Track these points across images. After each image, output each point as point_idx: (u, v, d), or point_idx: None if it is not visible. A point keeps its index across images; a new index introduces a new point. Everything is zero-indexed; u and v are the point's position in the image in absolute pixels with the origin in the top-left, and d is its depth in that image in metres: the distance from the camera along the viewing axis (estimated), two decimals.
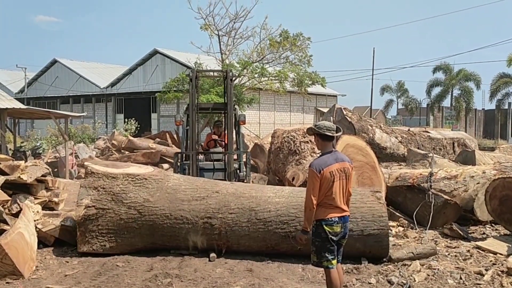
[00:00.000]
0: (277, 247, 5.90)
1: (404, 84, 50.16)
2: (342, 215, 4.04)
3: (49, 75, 43.98)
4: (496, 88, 41.67)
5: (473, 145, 12.68)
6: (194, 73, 7.80)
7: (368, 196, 6.06)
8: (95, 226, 5.84)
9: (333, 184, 3.97)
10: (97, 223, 5.84)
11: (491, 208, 6.81)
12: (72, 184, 11.70)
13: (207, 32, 21.35)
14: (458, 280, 4.94)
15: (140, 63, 37.86)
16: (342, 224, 4.04)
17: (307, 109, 40.51)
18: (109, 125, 37.72)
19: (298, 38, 21.50)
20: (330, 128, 4.07)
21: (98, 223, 5.84)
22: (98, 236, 5.85)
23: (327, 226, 3.98)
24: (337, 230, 4.01)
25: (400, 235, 7.05)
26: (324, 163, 3.98)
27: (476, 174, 7.67)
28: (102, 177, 6.06)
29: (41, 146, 18.08)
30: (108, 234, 5.86)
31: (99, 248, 5.84)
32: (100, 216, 5.84)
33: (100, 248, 5.84)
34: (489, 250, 6.06)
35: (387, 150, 11.03)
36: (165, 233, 5.89)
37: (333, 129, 4.08)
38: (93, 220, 5.83)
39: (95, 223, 5.83)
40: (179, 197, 5.99)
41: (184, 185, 6.20)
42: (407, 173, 8.36)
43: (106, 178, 6.05)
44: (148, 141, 18.47)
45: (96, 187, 5.98)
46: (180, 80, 21.61)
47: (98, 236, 5.85)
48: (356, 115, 11.24)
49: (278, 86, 22.20)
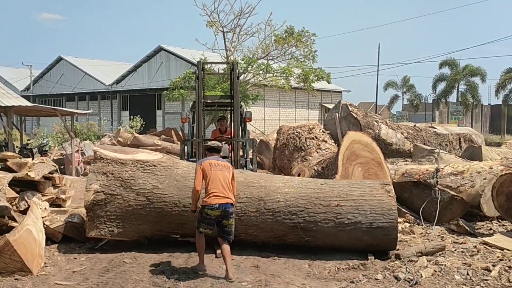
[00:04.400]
0: (285, 238, 5.88)
1: (409, 79, 49.95)
2: (223, 202, 5.04)
3: (54, 72, 44.18)
4: (502, 83, 41.42)
5: (479, 140, 12.61)
6: (200, 65, 7.78)
7: (378, 188, 6.01)
8: (103, 211, 5.77)
9: (213, 174, 5.12)
10: (106, 208, 5.77)
11: (498, 203, 6.78)
12: (78, 181, 11.77)
13: (212, 29, 21.33)
14: (465, 276, 4.93)
15: (145, 60, 37.92)
16: (223, 209, 5.06)
17: (312, 105, 40.45)
18: (114, 122, 37.86)
19: (303, 34, 21.43)
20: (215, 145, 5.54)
21: (106, 208, 5.77)
22: (106, 221, 5.78)
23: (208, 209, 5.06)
24: (216, 214, 5.06)
25: (406, 231, 7.03)
26: (204, 160, 5.34)
27: (483, 169, 7.64)
28: (111, 163, 5.94)
29: (47, 143, 18.17)
30: (116, 220, 5.79)
31: (107, 233, 5.77)
32: (109, 201, 5.77)
33: (108, 234, 5.77)
34: (496, 246, 6.04)
35: (393, 146, 10.98)
36: (173, 220, 5.83)
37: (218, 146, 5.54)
38: (101, 206, 5.76)
39: (104, 208, 5.77)
40: (188, 185, 5.83)
41: (193, 173, 6.14)
42: (413, 169, 8.34)
43: (115, 164, 5.94)
44: (154, 138, 18.54)
45: (105, 172, 5.88)
46: (185, 78, 21.61)
47: (106, 221, 5.78)
48: (362, 111, 11.21)
49: (283, 83, 22.15)
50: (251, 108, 23.07)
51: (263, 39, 21.81)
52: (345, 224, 5.75)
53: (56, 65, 44.15)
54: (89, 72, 41.39)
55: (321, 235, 5.78)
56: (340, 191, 5.97)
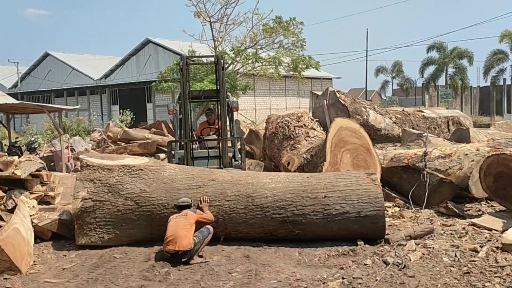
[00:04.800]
0: (275, 233, 5.93)
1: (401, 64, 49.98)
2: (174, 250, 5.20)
3: (41, 68, 43.71)
4: (490, 65, 41.61)
5: (467, 122, 12.68)
6: (184, 60, 7.73)
7: (364, 178, 6.08)
8: (92, 218, 5.84)
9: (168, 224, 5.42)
10: (95, 215, 5.84)
11: (486, 185, 6.83)
12: (68, 178, 11.69)
13: (199, 19, 21.17)
14: (453, 257, 4.98)
15: (133, 53, 37.61)
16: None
17: (303, 93, 40.42)
18: (104, 117, 37.64)
19: (291, 23, 21.34)
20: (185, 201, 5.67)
21: (95, 215, 5.84)
22: (96, 228, 5.86)
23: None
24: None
25: (396, 215, 7.09)
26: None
27: (470, 151, 7.69)
28: (98, 169, 6.05)
29: (36, 140, 18.02)
30: (106, 226, 5.87)
31: (97, 240, 5.85)
32: (97, 208, 5.85)
33: (98, 240, 5.84)
34: (484, 226, 6.10)
35: (381, 131, 11.02)
36: (163, 222, 5.85)
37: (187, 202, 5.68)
38: (90, 213, 5.84)
39: (93, 215, 5.84)
40: (176, 187, 6.00)
41: (180, 174, 6.20)
42: (402, 153, 8.37)
43: (101, 170, 6.04)
44: (144, 131, 18.43)
45: (92, 179, 5.97)
46: (174, 69, 21.49)
47: (96, 228, 5.86)
48: (350, 98, 11.21)
49: (272, 72, 22.10)
50: (241, 98, 23.08)
51: (250, 28, 21.73)
52: (333, 215, 5.78)
53: (43, 61, 43.66)
54: (77, 67, 40.98)
55: (311, 227, 5.82)
56: (326, 182, 6.01)
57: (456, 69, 43.09)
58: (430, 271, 4.71)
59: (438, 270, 4.73)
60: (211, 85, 17.61)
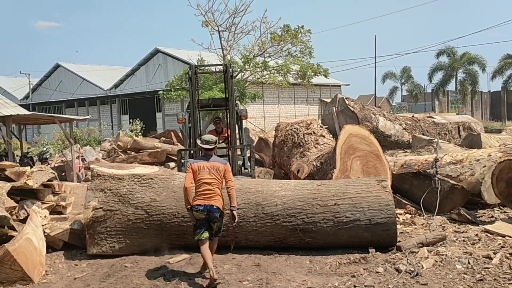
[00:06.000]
0: (285, 241, 5.90)
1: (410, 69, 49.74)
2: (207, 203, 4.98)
3: (52, 80, 44.25)
4: (500, 69, 41.26)
5: (478, 128, 12.56)
6: (193, 70, 7.79)
7: (374, 185, 6.04)
8: (103, 228, 5.89)
9: (200, 176, 5.03)
10: (105, 224, 5.88)
11: (498, 190, 6.75)
12: (79, 187, 11.77)
13: (208, 28, 21.31)
14: (466, 265, 4.91)
15: (142, 63, 37.92)
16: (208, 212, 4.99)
17: (311, 100, 40.39)
18: (114, 127, 37.89)
19: (299, 31, 21.39)
20: (210, 142, 5.24)
21: (106, 224, 5.88)
22: (107, 237, 5.90)
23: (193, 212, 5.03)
24: (200, 216, 5.01)
25: (407, 222, 7.02)
26: (196, 161, 5.24)
27: (482, 157, 7.61)
28: (108, 179, 6.11)
29: (47, 151, 18.20)
30: (116, 235, 5.90)
31: (108, 249, 5.88)
32: (108, 217, 5.89)
33: (109, 250, 5.87)
34: (498, 233, 6.02)
35: (391, 138, 10.96)
36: (173, 231, 5.92)
37: (212, 142, 5.24)
38: (101, 222, 5.88)
39: (103, 224, 5.88)
40: None
41: None
42: (412, 159, 8.32)
43: (112, 180, 6.10)
44: (154, 140, 18.52)
45: (103, 189, 6.03)
46: (183, 78, 21.61)
47: (107, 237, 5.90)
48: (359, 104, 11.18)
49: (281, 80, 22.13)
50: (249, 106, 23.12)
51: (259, 36, 21.82)
52: (343, 222, 5.75)
53: (54, 72, 44.20)
54: (87, 78, 41.41)
55: (321, 235, 5.79)
56: (336, 190, 5.98)
57: (466, 74, 42.77)
58: (443, 278, 4.66)
59: (451, 277, 4.67)
60: (220, 93, 17.67)
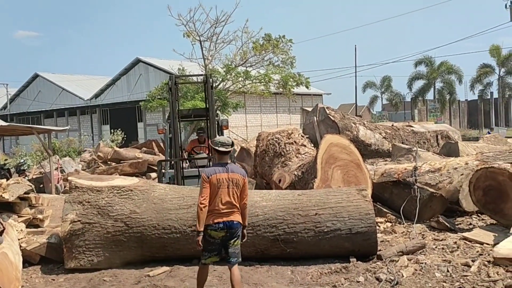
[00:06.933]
0: (267, 251, 5.88)
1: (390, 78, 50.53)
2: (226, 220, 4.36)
3: (31, 90, 43.59)
4: (477, 78, 42.27)
5: (456, 136, 12.78)
6: (173, 80, 7.76)
7: (354, 194, 6.08)
8: (81, 241, 5.77)
9: (219, 191, 4.34)
10: (84, 238, 5.77)
11: (476, 198, 6.87)
12: (58, 199, 11.55)
13: (189, 38, 21.30)
14: (445, 273, 4.97)
15: (123, 73, 37.65)
16: (228, 229, 4.38)
17: (294, 109, 40.61)
18: (95, 137, 37.44)
19: (280, 40, 21.56)
20: (225, 144, 4.45)
21: (84, 238, 5.77)
22: (85, 251, 5.78)
23: (210, 231, 4.36)
24: (220, 235, 4.37)
25: (388, 230, 7.08)
26: (214, 171, 4.40)
27: (459, 165, 7.74)
28: (87, 191, 5.99)
29: (25, 162, 17.86)
30: (95, 248, 5.80)
31: (86, 263, 5.76)
32: (87, 230, 5.78)
33: (88, 264, 5.76)
34: (476, 240, 6.11)
35: (372, 147, 11.06)
36: (154, 244, 5.85)
37: (228, 144, 4.46)
38: (79, 235, 5.77)
39: (82, 238, 5.77)
40: (166, 207, 5.95)
41: (170, 194, 6.16)
42: (392, 168, 8.41)
43: (91, 192, 5.99)
44: (135, 151, 18.35)
45: (81, 201, 5.91)
46: (164, 88, 21.53)
47: (85, 251, 5.78)
48: (339, 114, 11.27)
49: (262, 89, 22.23)
50: (232, 115, 23.11)
51: (240, 46, 21.90)
52: (324, 232, 5.76)
53: (33, 82, 43.57)
54: (67, 88, 40.88)
55: (302, 245, 5.79)
56: (317, 200, 6.00)
57: (445, 83, 43.65)
58: (423, 287, 4.69)
59: (430, 285, 4.72)
60: (202, 103, 17.63)
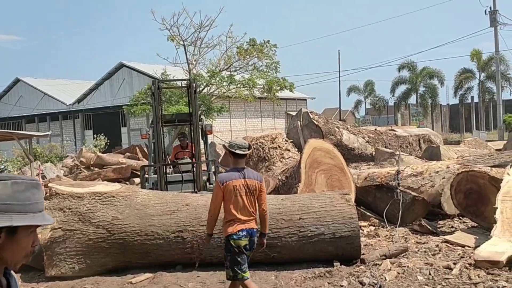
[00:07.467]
0: (251, 256, 5.86)
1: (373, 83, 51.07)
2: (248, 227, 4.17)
3: (12, 94, 42.89)
4: (459, 83, 43.00)
5: (438, 140, 12.98)
6: (156, 85, 7.72)
7: (338, 199, 6.10)
8: (62, 248, 5.68)
9: (236, 199, 4.11)
10: (65, 245, 5.68)
11: (457, 202, 6.96)
12: None
13: (173, 43, 21.22)
14: (427, 276, 5.02)
15: (106, 78, 37.32)
16: (250, 238, 4.18)
17: (278, 114, 40.73)
18: (78, 142, 36.99)
19: (264, 45, 21.62)
20: (242, 146, 4.19)
21: (65, 245, 5.68)
22: (66, 258, 5.69)
23: (234, 241, 4.12)
24: (244, 243, 4.14)
25: (371, 234, 7.12)
26: (229, 177, 4.15)
27: (441, 169, 7.85)
28: (68, 198, 5.92)
29: (6, 168, 17.55)
30: (77, 255, 5.71)
31: (67, 271, 5.67)
32: (68, 237, 5.70)
33: (69, 271, 5.67)
34: (457, 243, 6.19)
35: (355, 151, 11.16)
36: (137, 250, 5.79)
37: (244, 147, 4.20)
38: (60, 243, 5.68)
39: (63, 245, 5.68)
40: (149, 213, 5.90)
41: (153, 200, 6.11)
42: (375, 172, 8.48)
43: (72, 198, 5.91)
44: (118, 156, 18.17)
45: (62, 208, 5.83)
46: (147, 92, 21.39)
47: (66, 258, 5.69)
48: (323, 118, 11.35)
49: (247, 94, 22.24)
50: (216, 120, 23.08)
51: (224, 51, 21.90)
52: (308, 236, 5.77)
53: (14, 87, 42.87)
54: (49, 93, 40.33)
55: (287, 250, 5.79)
56: (301, 204, 6.01)
57: (427, 88, 44.27)
58: None
59: None
60: (187, 108, 17.56)
